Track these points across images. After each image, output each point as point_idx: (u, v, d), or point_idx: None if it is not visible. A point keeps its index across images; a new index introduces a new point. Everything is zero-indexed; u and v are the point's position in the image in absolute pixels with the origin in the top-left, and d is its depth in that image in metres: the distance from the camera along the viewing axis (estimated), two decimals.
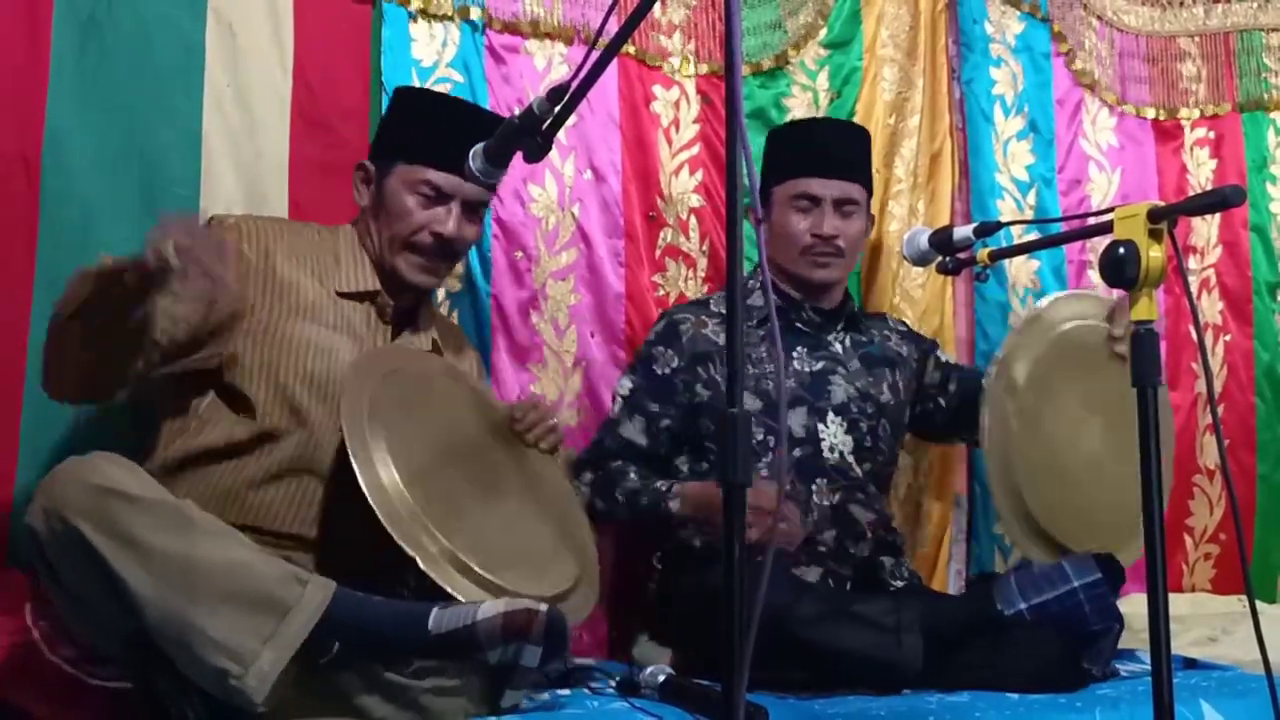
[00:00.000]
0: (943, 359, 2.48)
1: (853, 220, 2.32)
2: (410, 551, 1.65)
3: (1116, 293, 2.06)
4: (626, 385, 2.29)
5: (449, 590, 1.64)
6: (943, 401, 2.44)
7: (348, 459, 1.68)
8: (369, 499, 1.65)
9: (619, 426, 2.27)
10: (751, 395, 2.18)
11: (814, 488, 2.18)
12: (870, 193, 2.41)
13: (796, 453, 2.20)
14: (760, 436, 2.16)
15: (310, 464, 1.83)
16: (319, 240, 1.96)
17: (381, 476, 1.69)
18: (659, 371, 2.26)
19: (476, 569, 1.69)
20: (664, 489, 2.15)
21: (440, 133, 1.93)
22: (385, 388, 1.81)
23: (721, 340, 2.21)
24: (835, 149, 2.36)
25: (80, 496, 1.50)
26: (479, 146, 1.82)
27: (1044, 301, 2.32)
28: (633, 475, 2.21)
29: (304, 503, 1.83)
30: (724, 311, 1.53)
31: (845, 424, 2.24)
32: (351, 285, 1.94)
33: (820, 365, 2.29)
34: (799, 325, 2.32)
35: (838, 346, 2.34)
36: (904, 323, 2.56)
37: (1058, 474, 2.17)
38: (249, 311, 1.83)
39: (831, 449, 2.23)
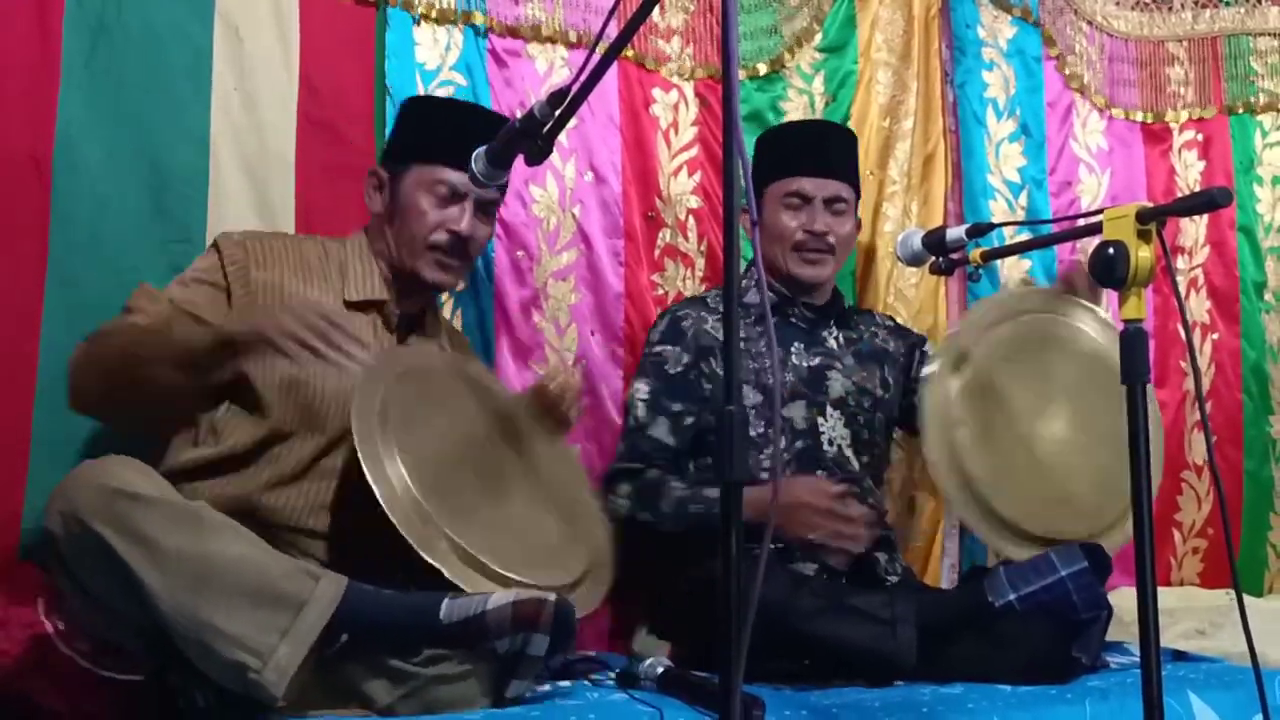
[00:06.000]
0: (930, 353, 2.50)
1: (844, 219, 2.34)
2: (424, 554, 1.67)
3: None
4: (643, 390, 2.26)
5: (462, 586, 1.66)
6: None
7: (359, 463, 1.70)
8: (383, 506, 1.68)
9: (648, 429, 2.23)
10: (752, 389, 2.20)
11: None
12: (858, 195, 2.44)
13: (798, 445, 2.23)
14: (761, 429, 2.19)
15: (322, 468, 1.84)
16: (324, 252, 1.98)
17: (394, 483, 1.71)
18: (671, 370, 2.24)
19: (490, 565, 1.72)
20: (715, 496, 2.12)
21: (451, 133, 1.97)
22: (396, 389, 1.82)
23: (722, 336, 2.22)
24: (825, 149, 2.38)
25: (95, 499, 1.52)
26: (480, 150, 1.86)
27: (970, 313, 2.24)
28: (675, 484, 2.17)
29: (316, 503, 1.84)
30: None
31: (844, 417, 2.27)
32: (359, 295, 1.95)
33: (817, 360, 2.32)
34: (793, 321, 2.35)
35: (832, 342, 2.37)
36: (891, 318, 2.59)
37: (1022, 471, 2.11)
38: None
39: (830, 442, 2.25)
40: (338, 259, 1.98)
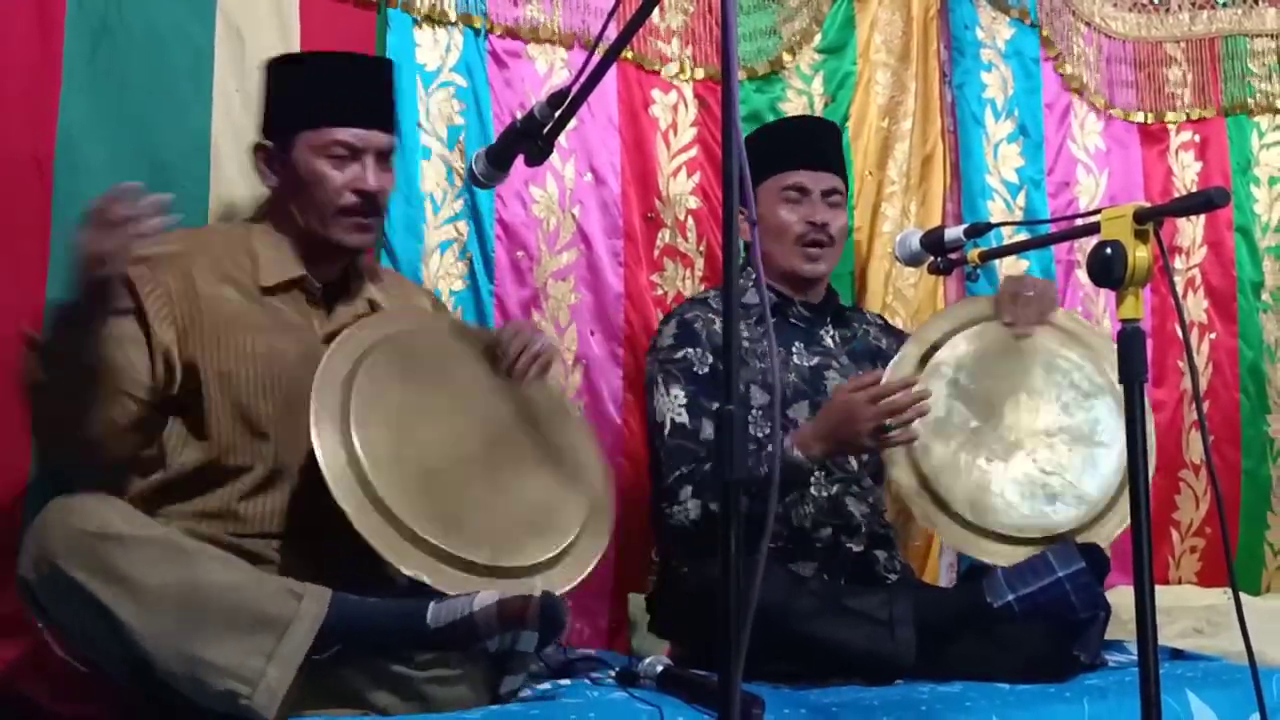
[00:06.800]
0: None
1: (839, 211, 2.35)
2: (401, 567, 1.68)
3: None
4: (680, 395, 2.17)
5: (444, 590, 1.66)
6: None
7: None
8: (350, 519, 1.66)
9: (699, 432, 2.14)
10: (760, 390, 2.21)
11: (812, 480, 2.20)
12: (849, 189, 2.45)
13: None
14: (768, 430, 2.18)
15: (288, 467, 1.80)
16: (229, 241, 1.89)
17: (360, 493, 1.69)
18: (700, 371, 2.18)
19: (473, 560, 1.72)
20: (780, 450, 2.05)
21: (332, 90, 1.88)
22: (353, 380, 1.78)
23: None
24: (819, 143, 2.39)
25: (70, 542, 1.51)
26: (481, 150, 1.87)
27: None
28: None
29: (293, 504, 1.81)
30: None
31: None
32: (275, 278, 1.86)
33: (816, 360, 2.32)
34: (793, 321, 2.35)
35: (829, 341, 2.37)
36: (881, 316, 2.59)
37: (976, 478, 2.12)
38: (188, 339, 1.78)
39: None
40: (245, 246, 1.88)
